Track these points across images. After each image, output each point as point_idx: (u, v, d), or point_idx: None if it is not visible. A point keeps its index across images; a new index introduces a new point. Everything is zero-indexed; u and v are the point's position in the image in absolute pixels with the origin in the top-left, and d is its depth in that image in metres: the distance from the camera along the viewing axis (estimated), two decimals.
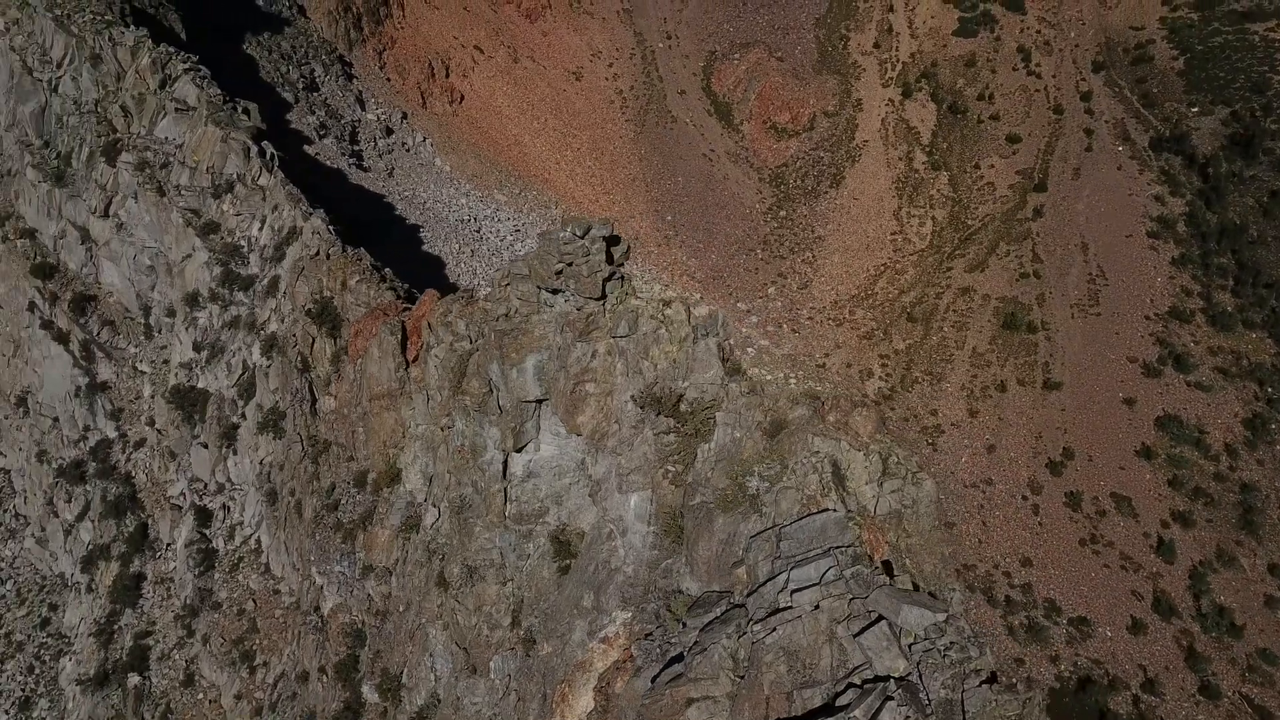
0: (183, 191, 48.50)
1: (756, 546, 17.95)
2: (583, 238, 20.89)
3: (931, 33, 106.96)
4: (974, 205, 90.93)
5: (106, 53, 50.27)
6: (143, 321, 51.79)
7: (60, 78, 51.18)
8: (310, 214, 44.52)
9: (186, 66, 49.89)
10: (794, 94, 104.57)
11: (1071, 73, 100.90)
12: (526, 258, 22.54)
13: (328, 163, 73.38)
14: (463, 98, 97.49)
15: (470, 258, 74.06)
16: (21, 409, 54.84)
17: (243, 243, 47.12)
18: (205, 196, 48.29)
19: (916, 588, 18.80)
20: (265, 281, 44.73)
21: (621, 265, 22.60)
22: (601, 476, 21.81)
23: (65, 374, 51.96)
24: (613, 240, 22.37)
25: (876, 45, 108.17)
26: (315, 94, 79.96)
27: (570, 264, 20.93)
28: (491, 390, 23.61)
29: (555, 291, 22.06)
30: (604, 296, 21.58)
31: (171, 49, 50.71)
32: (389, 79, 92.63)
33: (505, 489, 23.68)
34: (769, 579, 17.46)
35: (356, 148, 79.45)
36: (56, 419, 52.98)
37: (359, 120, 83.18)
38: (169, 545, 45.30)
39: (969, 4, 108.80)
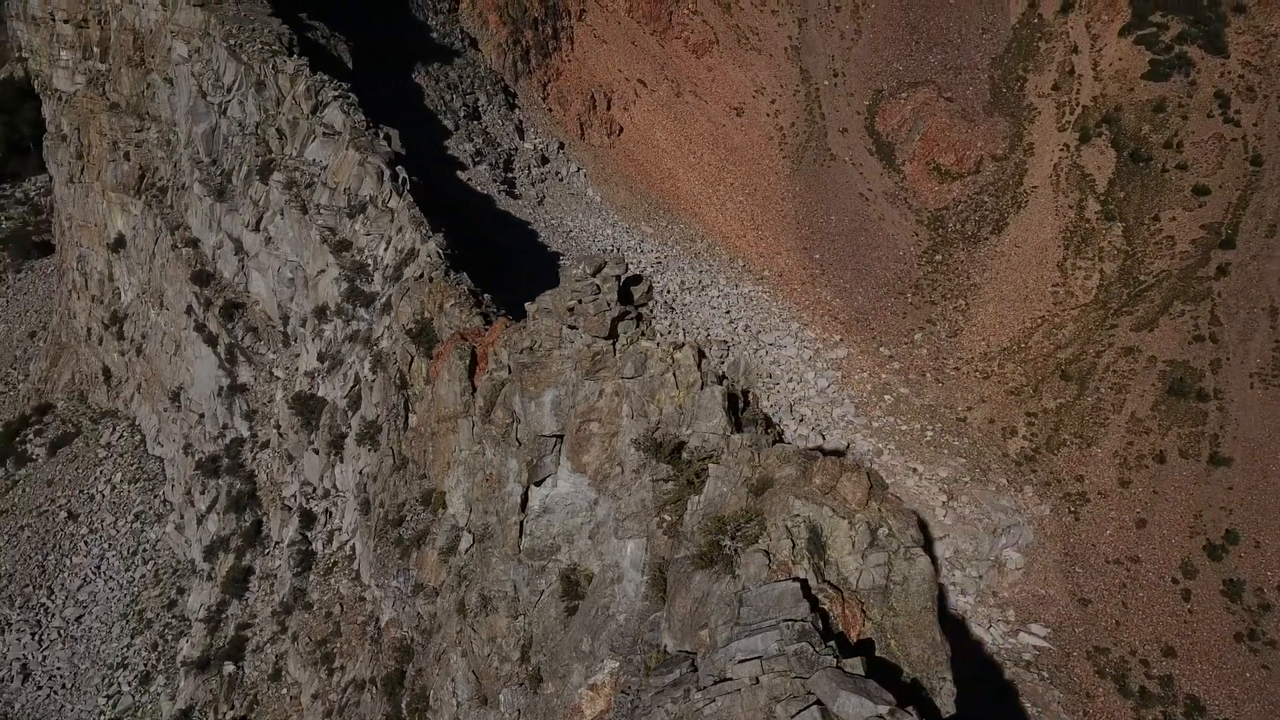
0: (322, 210, 51.48)
1: (718, 610, 17.03)
2: (593, 275, 20.63)
3: (1118, 75, 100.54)
4: (1149, 260, 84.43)
5: (269, 80, 54.20)
6: (281, 330, 55.19)
7: (229, 102, 55.59)
8: (429, 237, 46.24)
9: (336, 94, 53.07)
10: (961, 135, 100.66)
11: (1277, 121, 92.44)
12: (553, 292, 22.55)
13: (479, 189, 76.29)
14: (621, 130, 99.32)
15: None
16: (176, 404, 59.48)
17: (369, 261, 49.48)
18: (341, 216, 51.06)
19: (898, 671, 17.40)
20: (383, 300, 46.78)
21: (643, 306, 22.17)
22: (601, 519, 21.35)
23: (212, 374, 56.03)
24: (633, 280, 21.97)
25: (1055, 87, 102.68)
26: (475, 122, 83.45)
27: (580, 301, 20.73)
28: (515, 421, 23.65)
29: (574, 328, 21.89)
30: (615, 336, 21.21)
31: (325, 77, 54.08)
32: (550, 110, 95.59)
33: (521, 522, 23.57)
34: (724, 645, 16.52)
35: (510, 175, 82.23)
36: (202, 415, 57.15)
37: (515, 149, 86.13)
38: (277, 543, 47.83)
39: (1163, 46, 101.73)
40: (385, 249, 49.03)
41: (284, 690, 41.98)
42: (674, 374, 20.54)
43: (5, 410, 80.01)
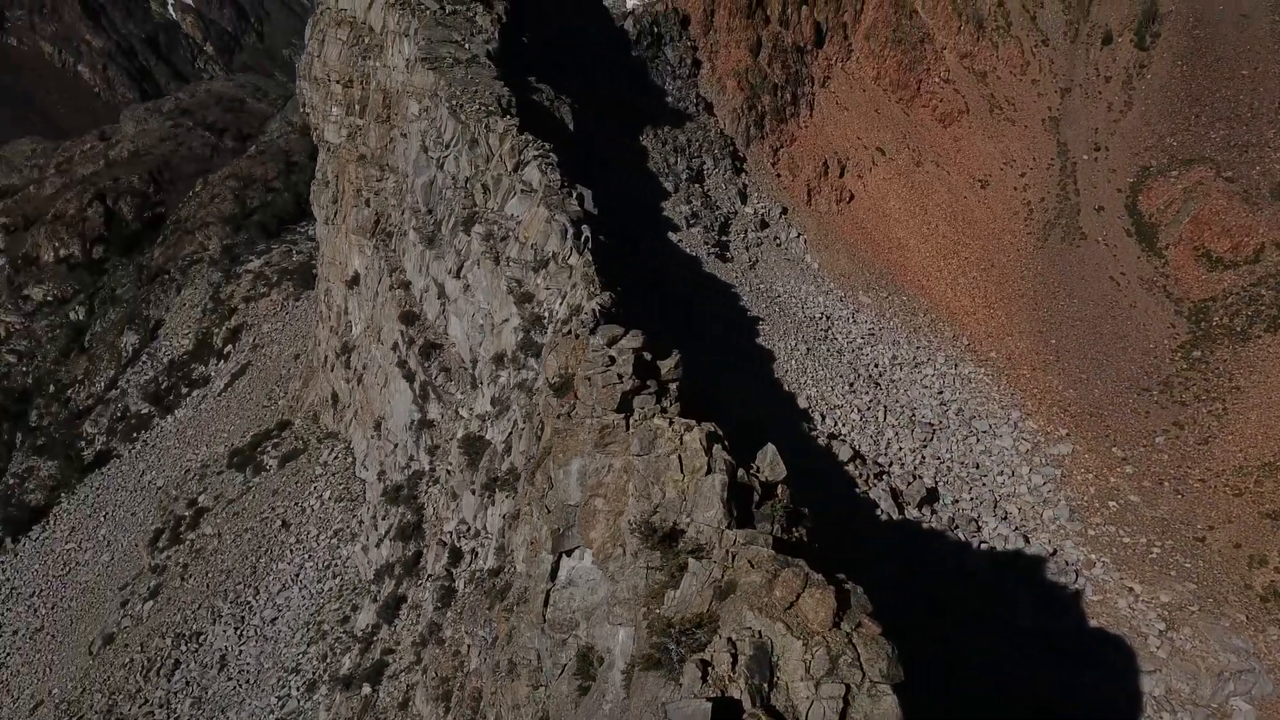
0: (511, 263, 53.93)
1: (646, 718, 15.78)
2: (609, 346, 20.03)
3: None
4: None
5: (481, 138, 57.85)
6: (470, 373, 58.09)
7: (446, 157, 59.88)
8: (594, 295, 47.14)
9: (536, 153, 55.67)
10: (1240, 220, 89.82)
11: None
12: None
13: (688, 250, 77.19)
14: (852, 197, 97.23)
15: (804, 355, 73.13)
16: (378, 432, 64.05)
17: (545, 314, 51.13)
18: (528, 269, 53.23)
19: None
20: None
21: (673, 381, 21.24)
22: (599, 601, 20.46)
23: (406, 408, 59.91)
24: (662, 353, 21.15)
25: None
26: (697, 185, 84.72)
27: (593, 372, 20.18)
28: (550, 487, 23.33)
29: None
30: (631, 411, 20.42)
31: (529, 138, 56.91)
32: (779, 175, 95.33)
33: (548, 591, 23.10)
34: None
35: (724, 239, 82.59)
36: (396, 446, 61.13)
37: (735, 212, 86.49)
38: (429, 576, 49.90)
39: None
40: (560, 304, 50.52)
41: None
42: (679, 457, 19.49)
43: (265, 422, 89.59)
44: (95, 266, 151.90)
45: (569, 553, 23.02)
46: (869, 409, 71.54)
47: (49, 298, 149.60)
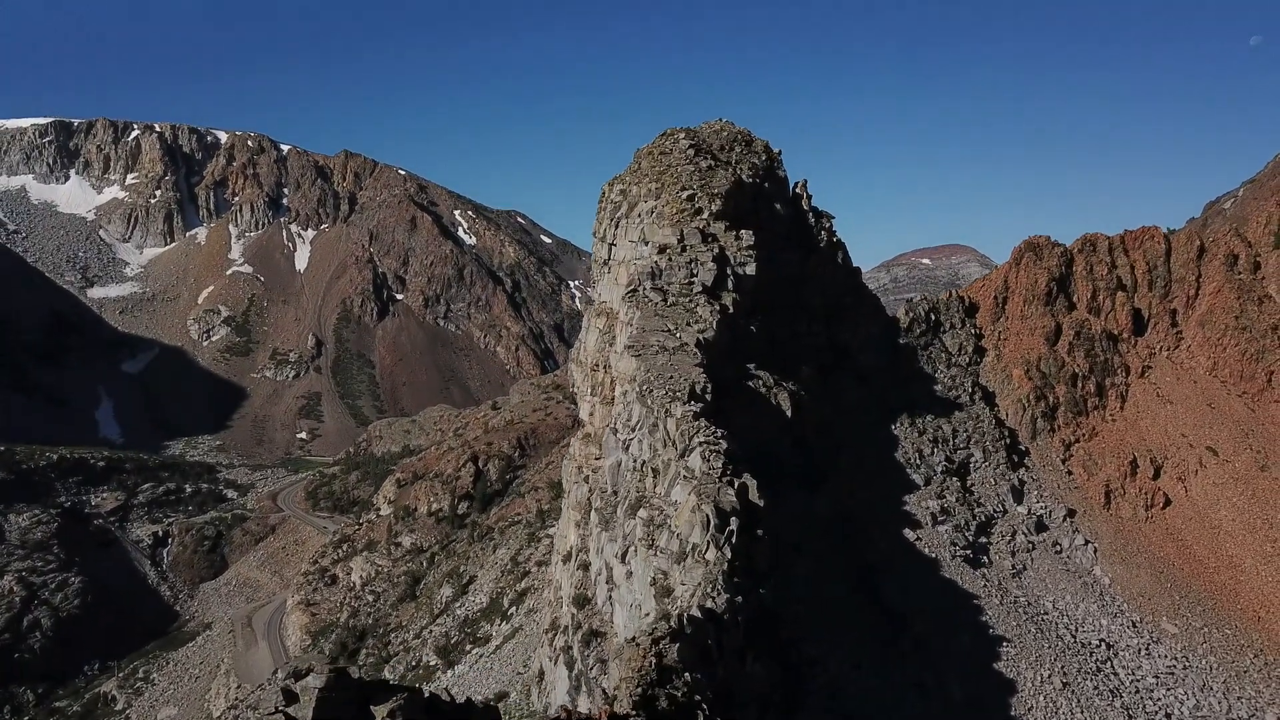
0: (660, 552, 50.95)
1: None
2: (293, 681, 16.83)
3: None
4: None
5: (661, 423, 57.03)
6: None
7: (631, 440, 59.56)
8: (709, 597, 42.64)
9: (703, 440, 53.39)
10: None
11: None
12: None
13: (925, 550, 68.44)
14: (1167, 502, 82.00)
15: (1059, 691, 59.65)
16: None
17: (674, 612, 47.00)
18: (672, 561, 49.91)
19: None
20: None
21: None
22: None
23: (561, 699, 56.83)
24: (379, 688, 17.53)
25: None
26: (955, 479, 76.27)
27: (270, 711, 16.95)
28: None
29: None
30: None
31: (702, 424, 54.89)
32: (1070, 473, 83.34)
33: None
34: None
35: (982, 541, 72.44)
36: None
37: (1002, 512, 76.14)
38: None
39: None
40: (690, 601, 46.38)
41: None
42: None
43: (506, 688, 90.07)
44: (458, 520, 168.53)
45: None
46: None
47: (413, 545, 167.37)
